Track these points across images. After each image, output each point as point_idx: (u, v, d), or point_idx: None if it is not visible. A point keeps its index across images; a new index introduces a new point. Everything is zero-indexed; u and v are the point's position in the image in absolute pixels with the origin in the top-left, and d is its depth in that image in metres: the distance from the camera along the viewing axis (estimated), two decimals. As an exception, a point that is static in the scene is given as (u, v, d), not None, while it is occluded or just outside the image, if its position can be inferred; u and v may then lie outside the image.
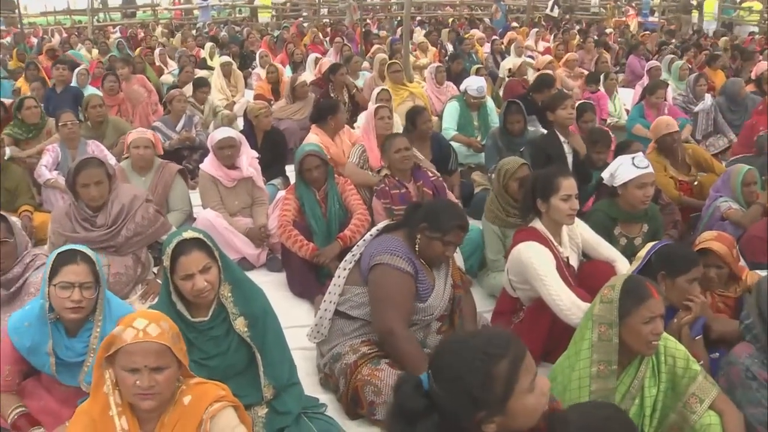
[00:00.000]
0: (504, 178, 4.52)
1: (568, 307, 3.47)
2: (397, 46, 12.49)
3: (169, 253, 2.85)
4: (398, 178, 5.01)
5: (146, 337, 2.25)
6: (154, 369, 2.25)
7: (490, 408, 1.79)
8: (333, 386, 3.58)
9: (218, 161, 5.31)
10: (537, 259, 3.61)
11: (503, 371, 1.79)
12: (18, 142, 6.95)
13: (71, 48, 16.13)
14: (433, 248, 3.48)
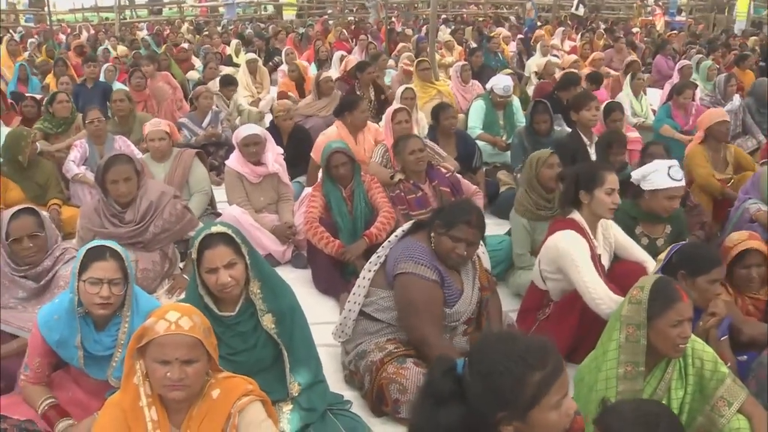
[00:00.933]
0: (536, 167, 4.54)
1: (601, 296, 3.48)
2: (423, 45, 12.48)
3: (196, 246, 2.89)
4: (413, 180, 4.98)
5: (178, 330, 2.27)
6: (184, 361, 2.27)
7: (512, 411, 1.83)
8: (358, 383, 3.58)
9: (244, 158, 5.33)
10: (574, 248, 3.63)
11: (535, 382, 1.82)
12: (48, 136, 7.05)
13: (99, 45, 16.25)
14: (443, 245, 3.45)
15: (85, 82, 9.47)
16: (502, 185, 6.47)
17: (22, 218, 3.48)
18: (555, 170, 4.52)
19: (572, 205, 3.89)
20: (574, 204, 3.88)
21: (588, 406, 2.65)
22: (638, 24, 22.22)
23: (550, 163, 4.53)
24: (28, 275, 3.56)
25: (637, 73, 8.78)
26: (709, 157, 5.67)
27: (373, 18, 22.71)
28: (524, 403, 1.82)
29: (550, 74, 9.95)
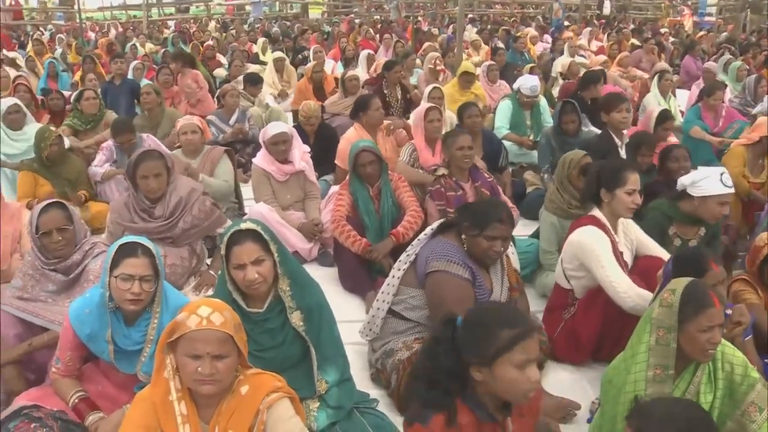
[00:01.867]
0: (568, 168, 4.53)
1: (625, 290, 3.48)
2: (451, 44, 12.45)
3: (225, 242, 2.91)
4: (456, 178, 4.92)
5: (209, 325, 2.28)
6: (215, 356, 2.28)
7: (481, 358, 2.20)
8: (384, 382, 3.58)
9: (271, 156, 5.36)
10: (596, 243, 3.63)
11: (502, 337, 2.17)
12: (77, 132, 7.14)
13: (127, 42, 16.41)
14: (478, 246, 3.42)
15: (113, 79, 9.56)
16: (529, 185, 6.45)
17: (51, 212, 3.51)
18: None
19: (593, 203, 3.89)
20: (595, 201, 3.87)
21: (616, 408, 2.63)
22: (666, 24, 22.02)
23: (581, 166, 4.49)
24: (58, 268, 3.59)
25: (665, 74, 8.70)
26: (747, 159, 5.64)
27: (394, 17, 22.73)
28: (491, 353, 2.17)
29: (574, 74, 9.88)
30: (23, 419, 2.24)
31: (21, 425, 2.22)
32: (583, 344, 3.81)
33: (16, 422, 2.22)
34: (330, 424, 3.04)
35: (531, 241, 4.94)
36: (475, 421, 2.30)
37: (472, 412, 2.29)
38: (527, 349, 2.17)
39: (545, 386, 3.62)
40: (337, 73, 10.71)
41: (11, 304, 3.54)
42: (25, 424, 2.22)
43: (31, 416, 2.26)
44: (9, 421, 2.22)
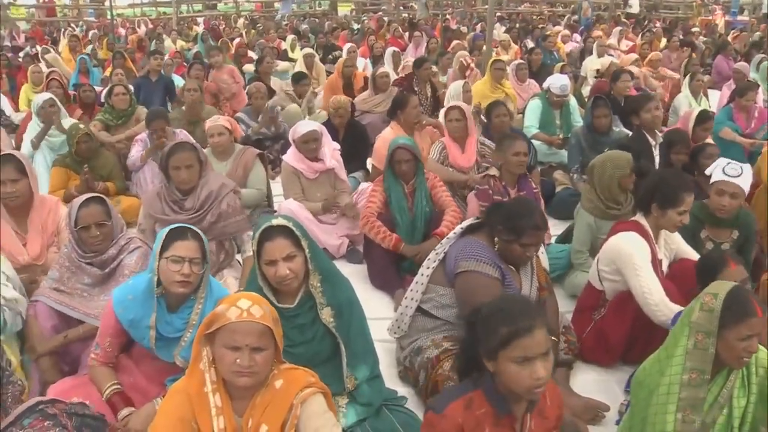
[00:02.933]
0: (611, 170, 4.45)
1: (657, 303, 3.45)
2: (479, 43, 12.41)
3: (256, 238, 2.93)
4: (505, 182, 4.87)
5: (250, 317, 2.30)
6: (254, 349, 2.30)
7: (487, 350, 2.26)
8: (412, 380, 3.58)
9: (301, 154, 5.38)
10: (636, 251, 3.60)
11: (504, 333, 2.21)
12: (109, 128, 7.21)
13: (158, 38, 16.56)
14: (512, 251, 3.42)
15: (149, 74, 9.65)
16: (558, 185, 6.43)
17: (90, 207, 3.57)
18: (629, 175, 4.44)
19: (641, 209, 3.85)
20: (643, 209, 3.84)
21: (647, 410, 2.62)
22: (698, 24, 21.76)
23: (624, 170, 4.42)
24: (94, 262, 3.64)
25: (697, 74, 8.62)
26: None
27: (421, 14, 22.69)
28: (493, 347, 2.23)
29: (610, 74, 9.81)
30: (37, 416, 2.26)
31: (35, 422, 2.23)
32: (612, 346, 3.79)
33: (30, 419, 2.24)
34: (359, 421, 3.05)
35: (563, 247, 4.90)
36: (492, 413, 2.32)
37: (490, 404, 2.32)
38: (525, 346, 2.19)
39: (573, 386, 3.62)
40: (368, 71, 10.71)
41: (49, 295, 3.60)
42: (39, 422, 2.24)
43: (46, 413, 2.28)
44: (24, 418, 2.24)
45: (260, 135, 7.42)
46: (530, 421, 2.40)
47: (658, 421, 2.58)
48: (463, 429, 2.30)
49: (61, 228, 4.21)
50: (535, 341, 2.20)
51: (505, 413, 2.34)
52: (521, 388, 2.23)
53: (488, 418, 2.32)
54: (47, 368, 3.46)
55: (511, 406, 2.34)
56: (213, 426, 2.37)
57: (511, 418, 2.36)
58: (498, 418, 2.34)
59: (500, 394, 2.33)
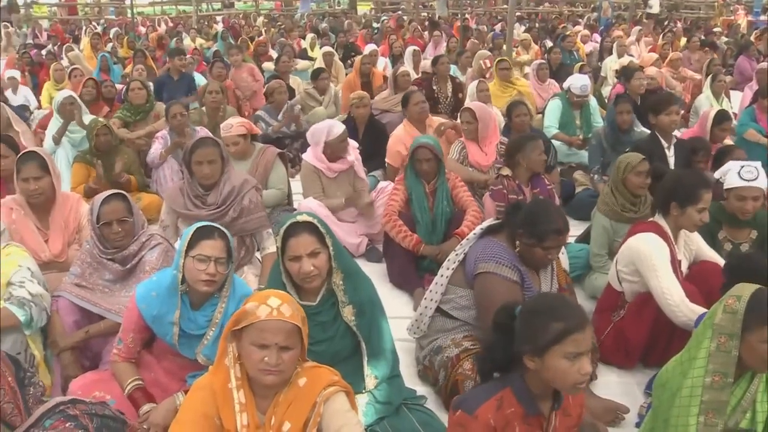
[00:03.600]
0: (623, 172, 4.44)
1: (677, 303, 3.43)
2: (498, 42, 12.38)
3: (281, 234, 2.93)
4: (518, 182, 4.86)
5: (280, 316, 2.30)
6: (282, 347, 2.30)
7: (534, 348, 2.25)
8: (432, 379, 3.58)
9: (322, 154, 5.38)
10: (655, 252, 3.58)
11: (556, 329, 2.21)
12: (127, 124, 7.25)
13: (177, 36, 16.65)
14: (533, 254, 3.40)
15: (170, 73, 9.69)
16: (578, 185, 6.39)
17: (112, 203, 3.59)
18: (643, 178, 4.41)
19: (659, 210, 3.83)
20: (662, 210, 3.82)
21: (669, 412, 2.60)
22: (719, 24, 21.59)
23: (639, 171, 4.39)
24: (115, 258, 3.66)
25: (719, 75, 8.54)
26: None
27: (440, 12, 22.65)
28: (543, 344, 2.22)
29: (625, 73, 9.75)
30: (59, 417, 2.26)
31: (57, 424, 2.23)
32: (632, 348, 3.77)
33: (52, 420, 2.25)
34: (378, 420, 3.04)
35: (582, 246, 4.89)
36: (522, 412, 2.32)
37: (519, 403, 2.32)
38: (578, 341, 2.20)
39: (593, 388, 3.60)
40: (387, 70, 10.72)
41: (70, 291, 3.63)
42: (60, 423, 2.24)
43: (67, 414, 2.28)
44: (45, 418, 2.25)
45: (280, 133, 7.44)
46: (555, 419, 2.40)
47: (680, 424, 2.56)
48: (495, 429, 2.30)
49: (83, 225, 4.25)
50: (586, 337, 2.23)
51: (534, 412, 2.34)
52: (568, 383, 2.24)
53: (518, 417, 2.32)
54: (69, 363, 3.48)
55: (539, 405, 2.35)
56: (236, 422, 2.38)
57: (539, 416, 2.36)
58: (527, 416, 2.34)
59: (529, 393, 2.33)
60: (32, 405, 2.26)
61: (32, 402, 2.26)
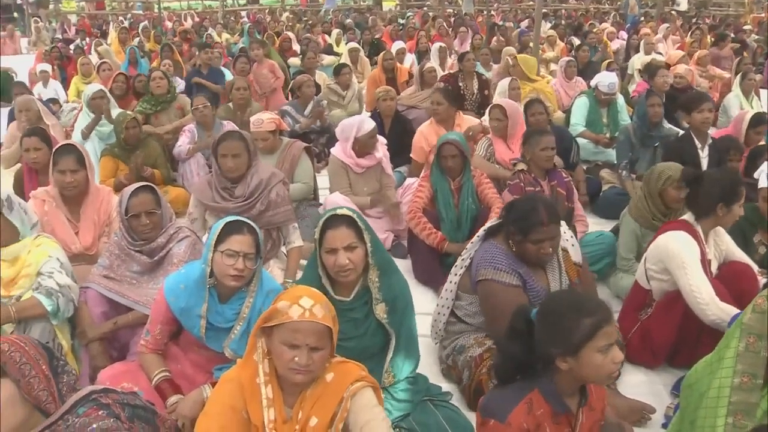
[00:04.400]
0: (663, 183, 4.32)
1: (706, 301, 3.39)
2: (525, 39, 12.31)
3: (320, 226, 2.93)
4: (534, 175, 4.87)
5: (312, 318, 2.29)
6: (313, 348, 2.30)
7: (566, 348, 2.24)
8: (456, 378, 3.57)
9: (350, 150, 5.40)
10: (685, 250, 3.54)
11: (586, 326, 2.21)
12: (147, 117, 7.30)
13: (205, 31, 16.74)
14: (526, 250, 3.36)
15: (200, 68, 9.74)
16: (605, 183, 6.34)
17: (141, 195, 3.62)
18: (683, 192, 4.22)
19: (692, 209, 3.78)
20: (692, 207, 3.77)
21: (696, 413, 2.57)
22: (749, 21, 21.31)
23: (680, 186, 4.24)
24: (143, 250, 3.69)
25: (749, 73, 8.44)
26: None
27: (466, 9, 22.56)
28: (576, 342, 2.22)
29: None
30: (92, 405, 2.28)
31: (90, 411, 2.25)
32: (658, 347, 3.74)
33: (85, 408, 2.27)
34: (402, 416, 3.03)
35: (600, 232, 4.86)
36: (550, 412, 2.32)
37: (548, 404, 2.32)
38: (609, 333, 2.23)
39: (619, 387, 3.57)
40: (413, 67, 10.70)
41: (99, 282, 3.67)
42: (93, 410, 2.26)
43: (100, 402, 2.30)
44: (78, 406, 2.27)
45: (306, 128, 7.45)
46: (582, 414, 2.40)
47: (707, 425, 2.53)
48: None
49: (113, 218, 4.29)
50: (614, 327, 2.26)
51: (563, 411, 2.34)
52: (603, 375, 2.26)
53: (547, 418, 2.32)
54: (97, 353, 3.52)
55: (567, 402, 2.35)
56: (263, 417, 2.39)
57: (568, 415, 2.36)
58: (557, 416, 2.33)
59: (557, 392, 2.33)
60: (66, 393, 2.28)
61: (66, 390, 2.28)
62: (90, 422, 2.21)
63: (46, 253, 3.56)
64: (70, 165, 4.15)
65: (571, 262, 3.60)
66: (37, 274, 3.49)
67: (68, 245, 4.13)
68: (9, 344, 2.19)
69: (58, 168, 4.17)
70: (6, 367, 2.13)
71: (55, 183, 4.23)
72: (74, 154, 4.19)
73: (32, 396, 2.17)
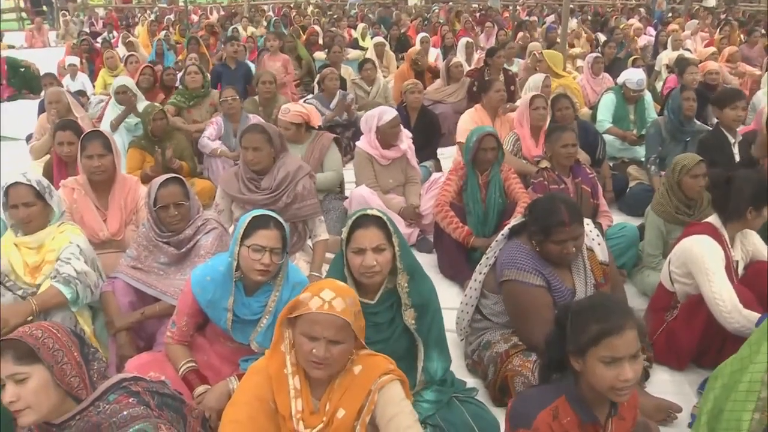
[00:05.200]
0: (679, 174, 4.32)
1: (729, 310, 3.35)
2: (551, 34, 12.24)
3: (349, 225, 2.91)
4: (558, 172, 4.86)
5: (331, 310, 2.29)
6: (331, 341, 2.30)
7: (576, 349, 2.24)
8: (481, 373, 3.56)
9: (375, 141, 5.41)
10: (708, 255, 3.50)
11: (593, 331, 2.18)
12: (180, 110, 7.34)
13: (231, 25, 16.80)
14: (550, 251, 3.34)
15: (227, 62, 9.77)
16: (632, 180, 6.27)
17: (170, 187, 3.64)
18: (699, 181, 4.27)
19: (717, 211, 3.73)
20: (719, 210, 3.72)
21: (724, 404, 2.55)
22: (781, 17, 20.96)
23: (695, 174, 4.26)
24: (171, 242, 3.71)
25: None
26: None
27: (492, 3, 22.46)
28: (582, 344, 2.21)
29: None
30: (122, 392, 2.31)
31: (120, 398, 2.28)
32: (684, 349, 3.70)
33: (116, 395, 2.30)
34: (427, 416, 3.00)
35: (623, 224, 4.84)
36: (578, 421, 2.28)
37: (575, 412, 2.28)
38: (614, 346, 2.15)
39: (646, 386, 3.55)
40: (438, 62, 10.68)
41: (126, 273, 3.70)
42: (124, 398, 2.29)
43: (130, 390, 2.33)
44: (109, 393, 2.31)
45: (332, 122, 7.45)
46: (612, 425, 2.35)
47: (733, 418, 2.51)
48: None
49: (140, 207, 4.35)
50: (625, 341, 2.16)
51: (590, 420, 2.30)
52: (605, 388, 2.19)
53: (574, 427, 2.28)
54: (124, 343, 3.55)
55: (595, 412, 2.31)
56: (291, 407, 2.39)
57: (596, 425, 2.32)
58: (583, 425, 2.30)
59: (584, 400, 2.29)
60: (97, 380, 2.31)
61: (96, 377, 2.31)
62: (121, 409, 2.24)
63: (68, 239, 3.62)
64: (98, 150, 4.21)
65: (596, 261, 3.57)
66: (57, 259, 3.55)
67: (96, 232, 4.20)
68: (42, 330, 2.23)
69: (86, 153, 4.23)
70: (40, 353, 2.16)
71: (83, 169, 4.30)
72: (101, 139, 4.25)
73: (65, 382, 2.20)
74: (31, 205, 3.59)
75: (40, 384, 2.16)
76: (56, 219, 3.71)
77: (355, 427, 2.40)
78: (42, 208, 3.64)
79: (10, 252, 3.64)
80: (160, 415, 2.36)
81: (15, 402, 2.14)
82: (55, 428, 2.27)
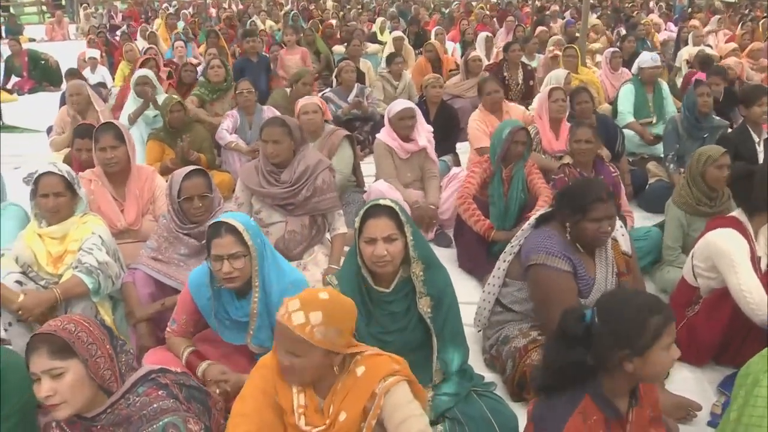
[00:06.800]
0: (703, 164, 4.29)
1: (757, 302, 3.32)
2: (570, 29, 12.17)
3: (361, 215, 2.90)
4: (579, 169, 4.83)
5: (287, 322, 2.26)
6: (289, 352, 2.29)
7: (634, 350, 2.17)
8: (499, 368, 3.55)
9: (395, 133, 5.41)
10: (734, 248, 3.47)
11: (655, 325, 2.16)
12: (203, 102, 7.35)
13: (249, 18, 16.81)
14: (585, 231, 3.32)
15: (248, 56, 9.80)
16: (651, 177, 6.22)
17: (194, 179, 3.67)
18: (724, 172, 4.23)
19: (740, 205, 3.70)
20: (743, 204, 3.69)
21: (751, 400, 2.50)
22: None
23: (720, 164, 4.23)
24: (191, 233, 3.74)
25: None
26: None
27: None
28: (644, 343, 2.16)
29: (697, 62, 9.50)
30: (151, 385, 2.32)
31: (149, 391, 2.29)
32: (704, 345, 3.67)
33: (145, 387, 2.31)
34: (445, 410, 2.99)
35: (649, 228, 4.81)
36: (604, 418, 2.26)
37: (600, 410, 2.26)
38: (673, 329, 2.21)
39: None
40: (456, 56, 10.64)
41: (147, 264, 3.74)
42: (153, 390, 2.30)
43: (159, 382, 2.34)
44: (138, 385, 2.32)
45: (350, 115, 7.46)
46: (633, 414, 2.34)
47: (756, 414, 2.47)
48: None
49: (157, 197, 4.38)
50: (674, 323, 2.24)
51: (615, 416, 2.28)
52: (663, 372, 2.28)
53: (601, 424, 2.26)
54: (144, 334, 3.60)
55: (618, 405, 2.30)
56: (293, 401, 2.39)
57: (622, 420, 2.31)
58: (609, 421, 2.27)
59: (606, 397, 2.28)
60: (125, 372, 2.32)
61: (125, 369, 2.33)
62: (150, 402, 2.26)
63: (90, 229, 3.65)
64: (110, 141, 4.24)
65: (620, 251, 3.57)
66: (79, 249, 3.58)
67: (114, 222, 4.23)
68: (75, 324, 2.23)
69: (98, 146, 4.27)
70: (75, 347, 2.17)
71: (97, 161, 4.33)
72: (113, 131, 4.28)
73: (98, 375, 2.22)
74: (61, 195, 3.63)
75: (76, 378, 2.17)
76: (81, 210, 3.74)
77: (361, 430, 2.37)
78: (70, 199, 3.67)
79: (34, 242, 3.68)
80: (189, 408, 2.37)
81: (51, 396, 2.14)
82: (87, 421, 2.28)
